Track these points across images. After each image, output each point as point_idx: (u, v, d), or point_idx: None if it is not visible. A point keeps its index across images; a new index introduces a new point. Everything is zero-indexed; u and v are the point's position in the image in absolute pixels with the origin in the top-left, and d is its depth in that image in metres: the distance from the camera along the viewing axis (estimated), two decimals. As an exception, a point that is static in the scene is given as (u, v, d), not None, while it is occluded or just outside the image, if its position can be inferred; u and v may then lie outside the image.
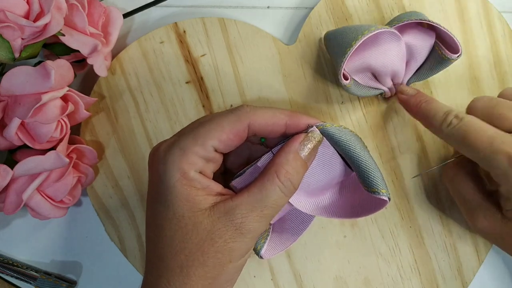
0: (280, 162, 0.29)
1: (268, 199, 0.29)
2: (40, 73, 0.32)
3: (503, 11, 0.41)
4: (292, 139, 0.30)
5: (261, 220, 0.29)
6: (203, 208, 0.28)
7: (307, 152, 0.30)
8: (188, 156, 0.29)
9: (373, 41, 0.35)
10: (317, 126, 0.31)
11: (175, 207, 0.28)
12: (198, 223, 0.28)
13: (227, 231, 0.28)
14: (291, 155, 0.30)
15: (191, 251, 0.28)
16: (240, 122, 0.30)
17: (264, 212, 0.29)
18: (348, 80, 0.36)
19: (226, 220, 0.28)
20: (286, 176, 0.29)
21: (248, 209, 0.28)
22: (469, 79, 0.40)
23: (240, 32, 0.40)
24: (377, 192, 0.30)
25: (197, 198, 0.28)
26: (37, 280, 0.40)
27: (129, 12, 0.40)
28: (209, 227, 0.28)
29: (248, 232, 0.28)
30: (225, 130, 0.29)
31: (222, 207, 0.28)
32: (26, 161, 0.33)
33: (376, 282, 0.40)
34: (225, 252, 0.28)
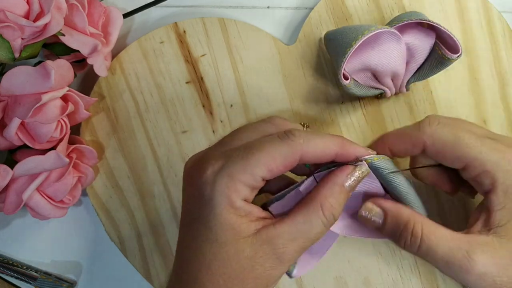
0: (325, 194, 0.29)
1: (311, 232, 0.29)
2: (40, 73, 0.32)
3: (503, 11, 0.41)
4: (340, 171, 0.30)
5: (300, 251, 0.29)
6: (246, 235, 0.28)
7: (352, 184, 0.30)
8: (237, 185, 0.28)
9: (373, 41, 0.35)
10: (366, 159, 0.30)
11: (218, 233, 0.28)
12: (240, 250, 0.28)
13: (268, 259, 0.28)
14: (337, 188, 0.29)
15: (231, 277, 0.28)
16: (292, 155, 0.29)
17: (305, 243, 0.29)
18: (348, 80, 0.36)
19: (268, 249, 0.28)
20: (330, 210, 0.29)
21: (290, 239, 0.28)
22: (469, 79, 0.40)
23: (240, 32, 0.40)
24: None
25: (242, 226, 0.28)
26: (37, 280, 0.40)
27: (129, 12, 0.40)
28: (251, 255, 0.28)
29: (287, 261, 0.29)
30: (276, 161, 0.28)
31: (264, 234, 0.28)
32: (26, 161, 0.33)
33: (376, 282, 0.40)
34: (263, 278, 0.28)
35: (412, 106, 0.40)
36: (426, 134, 0.31)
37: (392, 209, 0.31)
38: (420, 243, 0.29)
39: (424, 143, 0.31)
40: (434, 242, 0.29)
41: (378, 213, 0.31)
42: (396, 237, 0.31)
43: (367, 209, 0.31)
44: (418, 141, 0.31)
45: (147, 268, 0.40)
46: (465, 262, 0.28)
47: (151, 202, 0.40)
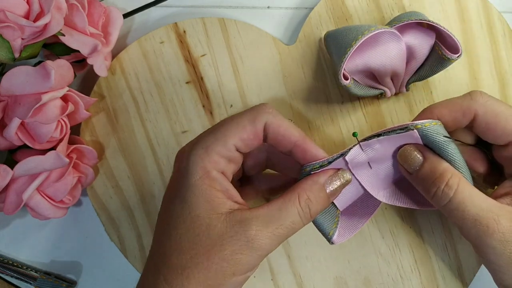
0: (304, 187, 0.30)
1: (285, 219, 0.28)
2: (40, 73, 0.32)
3: (503, 11, 0.41)
4: (323, 172, 0.31)
5: (273, 238, 0.28)
6: (220, 212, 0.28)
7: (333, 188, 0.30)
8: (211, 155, 0.29)
9: (373, 41, 0.35)
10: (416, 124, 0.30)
11: (192, 205, 0.28)
12: (212, 226, 0.28)
13: (238, 241, 0.28)
14: (317, 186, 0.30)
15: (198, 253, 0.28)
16: (258, 120, 0.30)
17: (278, 230, 0.28)
18: (348, 80, 0.36)
19: (240, 229, 0.28)
20: (306, 202, 0.29)
21: (264, 224, 0.28)
22: (469, 79, 0.40)
23: (240, 32, 0.40)
24: None
25: (216, 200, 0.28)
26: (37, 280, 0.40)
27: (129, 12, 0.40)
28: (221, 233, 0.28)
29: (258, 248, 0.28)
30: (246, 129, 0.29)
31: (238, 215, 0.28)
32: (26, 161, 0.33)
33: (376, 282, 0.40)
34: (230, 262, 0.28)
35: (412, 106, 0.40)
36: (479, 103, 0.31)
37: (432, 157, 0.31)
38: (453, 195, 0.29)
39: (475, 112, 0.31)
40: (468, 198, 0.29)
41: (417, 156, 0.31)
42: (428, 183, 0.30)
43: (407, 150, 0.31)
44: (470, 110, 0.31)
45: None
46: (493, 223, 0.28)
47: (151, 202, 0.40)
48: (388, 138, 0.31)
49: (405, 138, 0.31)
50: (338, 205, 0.33)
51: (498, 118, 0.31)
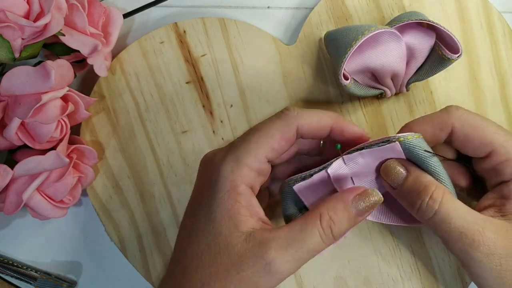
0: (327, 206, 0.28)
1: (305, 241, 0.27)
2: (40, 73, 0.32)
3: (503, 11, 0.41)
4: (350, 189, 0.29)
5: (292, 262, 0.27)
6: (241, 230, 0.28)
7: (360, 208, 0.29)
8: (242, 169, 0.28)
9: (373, 41, 0.35)
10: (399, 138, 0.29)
11: (216, 221, 0.28)
12: (232, 245, 0.27)
13: (256, 264, 0.27)
14: (341, 204, 0.29)
15: (217, 271, 0.27)
16: (288, 127, 0.29)
17: (298, 253, 0.27)
18: (348, 80, 0.36)
19: (259, 252, 0.27)
20: (328, 222, 0.28)
21: (283, 247, 0.27)
22: (469, 79, 0.40)
23: (240, 32, 0.40)
24: None
25: (239, 217, 0.28)
26: (37, 280, 0.40)
27: (129, 12, 0.40)
28: (241, 253, 0.27)
29: (276, 271, 0.27)
30: (275, 137, 0.29)
31: (259, 235, 0.27)
32: (26, 161, 0.33)
33: (376, 282, 0.40)
34: (248, 284, 0.27)
35: (412, 106, 0.40)
36: (455, 117, 0.31)
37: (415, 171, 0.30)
38: (438, 208, 0.29)
39: (452, 125, 0.31)
40: (453, 210, 0.29)
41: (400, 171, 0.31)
42: (412, 197, 0.30)
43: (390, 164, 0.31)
44: (447, 124, 0.31)
45: (147, 268, 0.40)
46: (479, 236, 0.28)
47: (151, 202, 0.40)
48: (370, 151, 0.30)
49: (387, 151, 0.30)
50: None
51: (475, 130, 0.31)
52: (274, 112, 0.40)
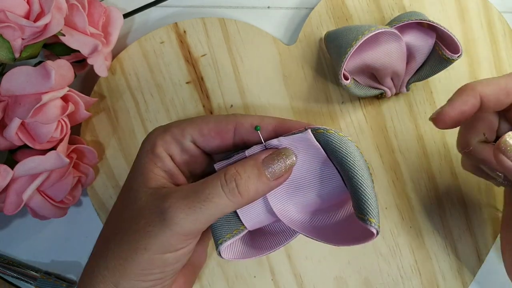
0: (236, 163, 0.27)
1: (203, 191, 0.26)
2: (40, 73, 0.32)
3: (504, 11, 0.41)
4: (263, 150, 0.28)
5: (188, 212, 0.25)
6: (150, 186, 0.27)
7: (272, 169, 0.27)
8: (165, 135, 0.29)
9: (373, 41, 0.35)
10: (317, 129, 0.27)
11: (130, 177, 0.29)
12: (138, 198, 0.27)
13: (151, 214, 0.26)
14: (251, 162, 0.27)
15: (118, 224, 0.27)
16: (226, 122, 0.29)
17: (194, 203, 0.25)
18: (348, 80, 0.36)
19: (156, 202, 0.26)
20: (233, 175, 0.26)
21: (181, 196, 0.26)
22: (469, 79, 0.40)
23: (240, 32, 0.40)
24: (364, 220, 0.26)
25: (150, 174, 0.28)
26: (37, 280, 0.40)
27: (129, 12, 0.40)
28: (142, 205, 0.26)
29: (170, 220, 0.25)
30: (208, 125, 0.29)
31: (164, 190, 0.27)
32: (27, 161, 0.33)
33: (376, 283, 0.40)
34: (142, 234, 0.26)
35: (412, 106, 0.40)
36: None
37: None
38: None
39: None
40: None
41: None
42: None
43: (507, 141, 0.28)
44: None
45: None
46: None
47: (151, 202, 0.40)
48: (288, 138, 0.28)
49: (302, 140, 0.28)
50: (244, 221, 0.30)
51: None
52: (274, 112, 0.40)
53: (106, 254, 0.27)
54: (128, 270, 0.26)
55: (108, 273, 0.26)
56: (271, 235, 0.31)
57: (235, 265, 0.40)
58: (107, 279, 0.26)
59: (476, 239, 0.40)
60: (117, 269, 0.26)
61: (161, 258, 0.26)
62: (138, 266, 0.26)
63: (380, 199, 0.40)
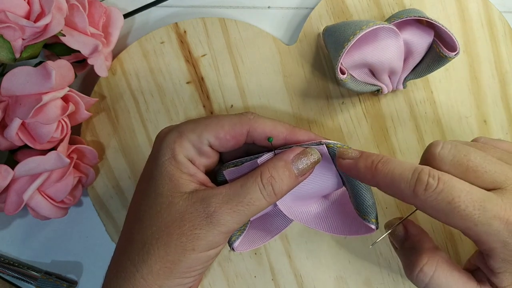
0: (268, 165, 0.30)
1: (245, 195, 0.28)
2: (41, 74, 0.32)
3: (504, 11, 0.41)
4: (290, 150, 0.30)
5: (233, 215, 0.28)
6: (183, 191, 0.29)
7: (300, 167, 0.30)
8: (183, 141, 0.29)
9: (371, 37, 0.35)
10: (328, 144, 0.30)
11: (157, 184, 0.29)
12: (174, 203, 0.28)
13: (197, 217, 0.28)
14: (281, 163, 0.30)
15: (159, 229, 0.28)
16: (240, 125, 0.30)
17: (238, 207, 0.28)
18: (345, 75, 0.35)
19: (199, 206, 0.28)
20: (269, 179, 0.29)
21: (224, 201, 0.28)
22: (469, 79, 0.40)
23: (240, 32, 0.40)
24: (367, 220, 0.31)
25: (180, 180, 0.29)
26: (38, 280, 0.40)
27: (129, 12, 0.40)
28: (182, 210, 0.28)
29: (217, 223, 0.28)
30: (224, 129, 0.30)
31: (200, 194, 0.29)
32: (27, 161, 0.33)
33: (376, 282, 0.40)
34: (189, 237, 0.28)
35: (413, 106, 0.40)
36: (420, 199, 0.26)
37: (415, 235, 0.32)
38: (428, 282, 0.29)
39: (416, 205, 0.28)
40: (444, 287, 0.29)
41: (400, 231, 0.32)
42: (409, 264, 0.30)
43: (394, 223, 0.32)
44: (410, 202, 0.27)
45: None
46: None
47: (152, 202, 0.40)
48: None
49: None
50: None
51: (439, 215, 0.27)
52: (274, 112, 0.40)
53: (147, 258, 0.28)
54: (174, 271, 0.28)
55: (152, 276, 0.28)
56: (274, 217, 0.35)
57: (236, 265, 0.40)
58: (151, 282, 0.28)
59: (477, 239, 0.40)
60: (162, 271, 0.28)
61: (206, 255, 0.29)
62: (185, 266, 0.28)
63: (380, 199, 0.40)
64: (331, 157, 0.31)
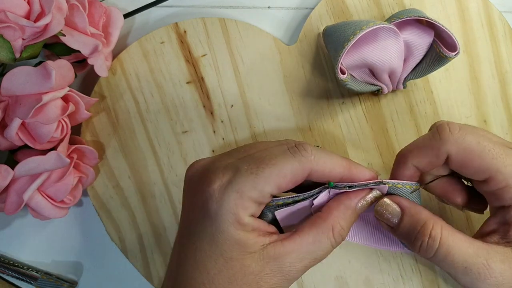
0: (337, 216, 0.29)
1: (319, 253, 0.29)
2: (41, 73, 0.32)
3: (504, 11, 0.41)
4: (355, 194, 0.30)
5: (305, 270, 0.29)
6: (252, 251, 0.28)
7: (364, 207, 0.30)
8: (245, 202, 0.27)
9: (371, 37, 0.35)
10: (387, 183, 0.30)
11: (224, 249, 0.27)
12: (246, 266, 0.27)
13: (274, 277, 0.28)
14: (350, 212, 0.29)
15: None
16: (302, 171, 0.28)
17: (311, 263, 0.29)
18: (345, 75, 0.35)
19: (275, 267, 0.28)
20: (340, 232, 0.29)
21: (298, 259, 0.28)
22: (469, 79, 0.40)
23: (240, 32, 0.40)
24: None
25: (248, 242, 0.28)
26: (38, 280, 0.40)
27: (129, 12, 0.40)
28: (257, 271, 0.28)
29: (293, 279, 0.28)
30: (286, 179, 0.28)
31: (272, 251, 0.28)
32: (27, 161, 0.33)
33: (377, 282, 0.40)
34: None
35: (413, 106, 0.40)
36: (450, 142, 0.29)
37: (410, 208, 0.30)
38: (438, 246, 0.28)
39: (448, 152, 0.29)
40: (453, 246, 0.28)
41: (395, 210, 0.30)
42: (411, 238, 0.29)
43: (383, 205, 0.30)
44: (441, 151, 0.29)
45: (148, 268, 0.40)
46: (484, 270, 0.28)
47: (152, 202, 0.40)
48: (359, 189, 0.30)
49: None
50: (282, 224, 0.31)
51: (472, 156, 0.29)
52: (274, 112, 0.40)
53: None
54: None
55: None
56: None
57: (236, 265, 0.40)
58: None
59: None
60: None
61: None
62: None
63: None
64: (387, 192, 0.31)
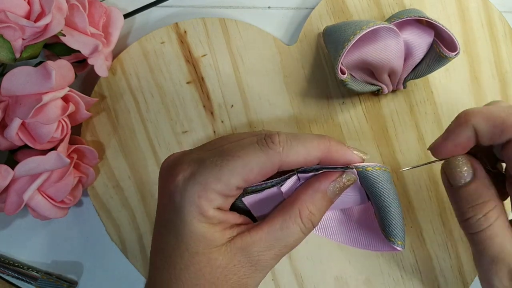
0: (305, 199, 0.28)
1: (288, 239, 0.28)
2: (41, 74, 0.32)
3: (504, 11, 0.41)
4: (324, 177, 0.28)
5: (277, 258, 0.28)
6: (219, 244, 0.27)
7: (336, 192, 0.29)
8: (208, 194, 0.26)
9: (371, 37, 0.35)
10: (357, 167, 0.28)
11: (189, 242, 0.27)
12: (213, 259, 0.27)
13: (242, 268, 0.27)
14: (319, 195, 0.28)
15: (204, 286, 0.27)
16: (270, 164, 0.27)
17: (281, 251, 0.28)
18: (345, 75, 0.36)
19: (242, 257, 0.27)
20: (308, 217, 0.28)
21: (266, 247, 0.27)
22: (469, 79, 0.40)
23: (241, 32, 0.40)
24: (392, 242, 0.29)
25: (214, 235, 0.27)
26: (38, 280, 0.40)
27: (130, 12, 0.40)
28: (224, 264, 0.27)
29: (263, 268, 0.28)
30: (253, 172, 0.26)
31: (239, 242, 0.27)
32: (27, 161, 0.33)
33: (377, 283, 0.40)
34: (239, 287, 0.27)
35: (413, 106, 0.40)
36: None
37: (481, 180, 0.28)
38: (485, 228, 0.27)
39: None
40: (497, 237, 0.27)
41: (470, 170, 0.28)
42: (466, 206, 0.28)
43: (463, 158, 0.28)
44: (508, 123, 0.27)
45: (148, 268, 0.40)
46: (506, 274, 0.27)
47: (152, 202, 0.40)
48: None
49: None
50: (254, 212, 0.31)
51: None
52: (274, 112, 0.40)
53: None
54: None
55: None
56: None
57: (236, 265, 0.40)
58: None
59: (477, 239, 0.40)
60: None
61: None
62: None
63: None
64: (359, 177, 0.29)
